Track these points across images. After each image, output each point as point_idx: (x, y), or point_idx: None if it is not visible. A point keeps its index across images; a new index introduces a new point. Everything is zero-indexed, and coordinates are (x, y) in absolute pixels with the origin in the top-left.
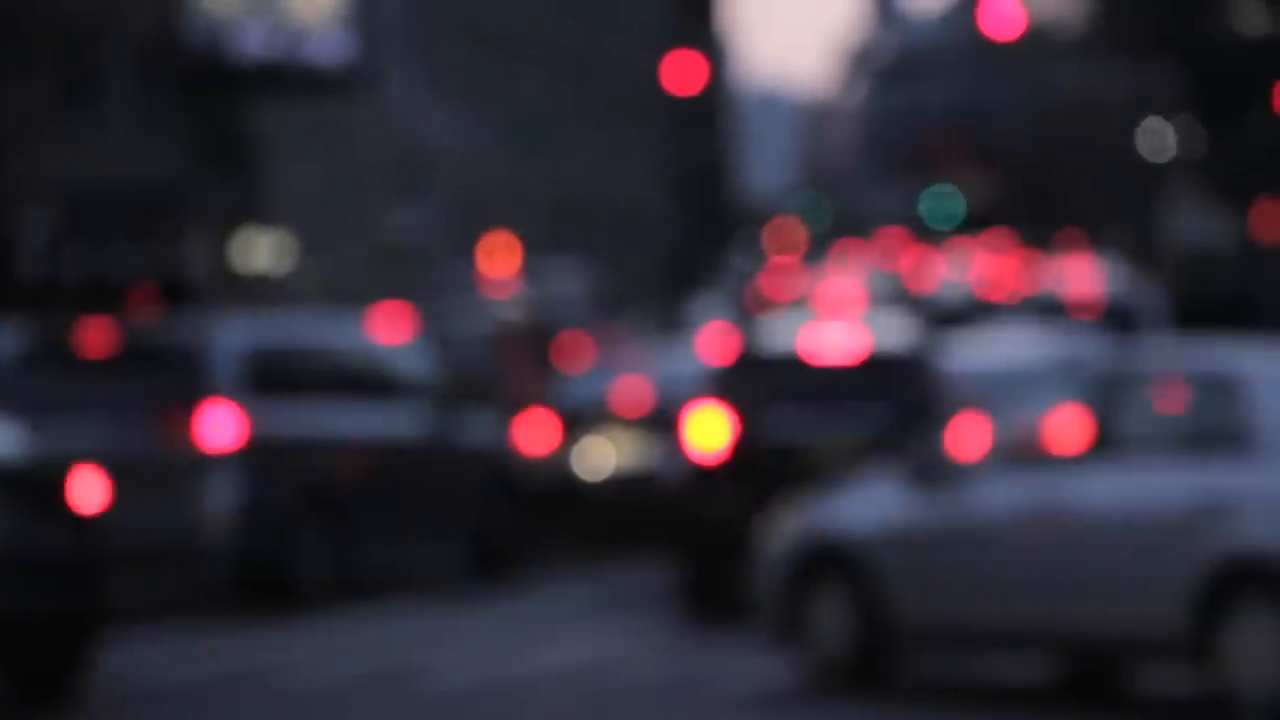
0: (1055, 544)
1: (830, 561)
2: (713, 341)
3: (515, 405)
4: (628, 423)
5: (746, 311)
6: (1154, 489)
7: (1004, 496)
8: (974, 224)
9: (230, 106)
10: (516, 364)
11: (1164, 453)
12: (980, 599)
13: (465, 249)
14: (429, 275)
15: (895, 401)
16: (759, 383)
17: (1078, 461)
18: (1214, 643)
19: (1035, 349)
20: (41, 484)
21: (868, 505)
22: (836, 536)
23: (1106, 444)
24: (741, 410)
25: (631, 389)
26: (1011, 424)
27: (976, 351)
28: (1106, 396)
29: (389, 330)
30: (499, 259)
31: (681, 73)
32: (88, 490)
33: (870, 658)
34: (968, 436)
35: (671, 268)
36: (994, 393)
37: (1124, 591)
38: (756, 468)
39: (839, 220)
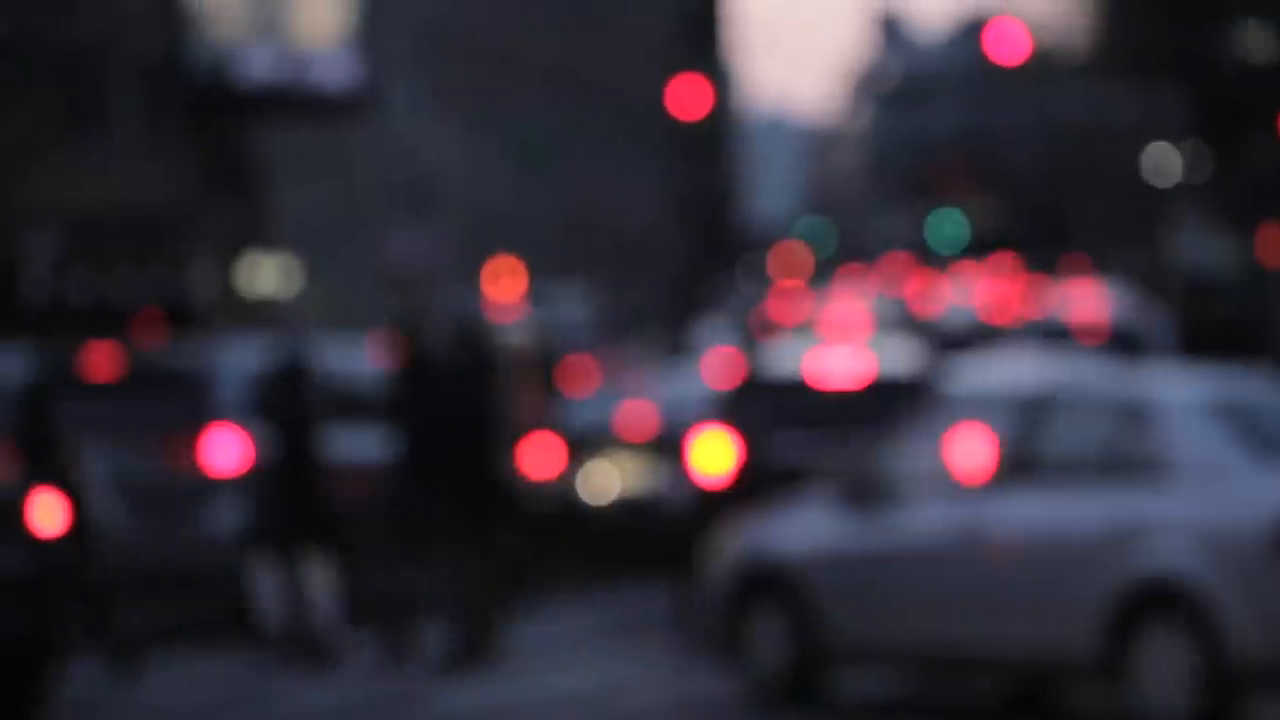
0: (977, 566)
1: (767, 581)
2: (718, 366)
3: (520, 429)
4: (633, 447)
5: (752, 336)
6: (1070, 514)
7: (928, 519)
8: (979, 248)
9: (235, 130)
10: (521, 388)
11: (1081, 478)
12: (906, 620)
13: (471, 273)
14: (434, 299)
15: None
16: (764, 407)
17: (1000, 486)
18: (1126, 664)
19: (1038, 374)
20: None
21: (802, 527)
22: (773, 557)
23: (1028, 468)
24: (747, 434)
25: (637, 413)
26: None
27: (979, 376)
28: (1029, 421)
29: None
30: (504, 283)
31: (687, 97)
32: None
33: (804, 675)
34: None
35: (677, 292)
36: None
37: (1042, 614)
38: (762, 492)
39: (844, 245)
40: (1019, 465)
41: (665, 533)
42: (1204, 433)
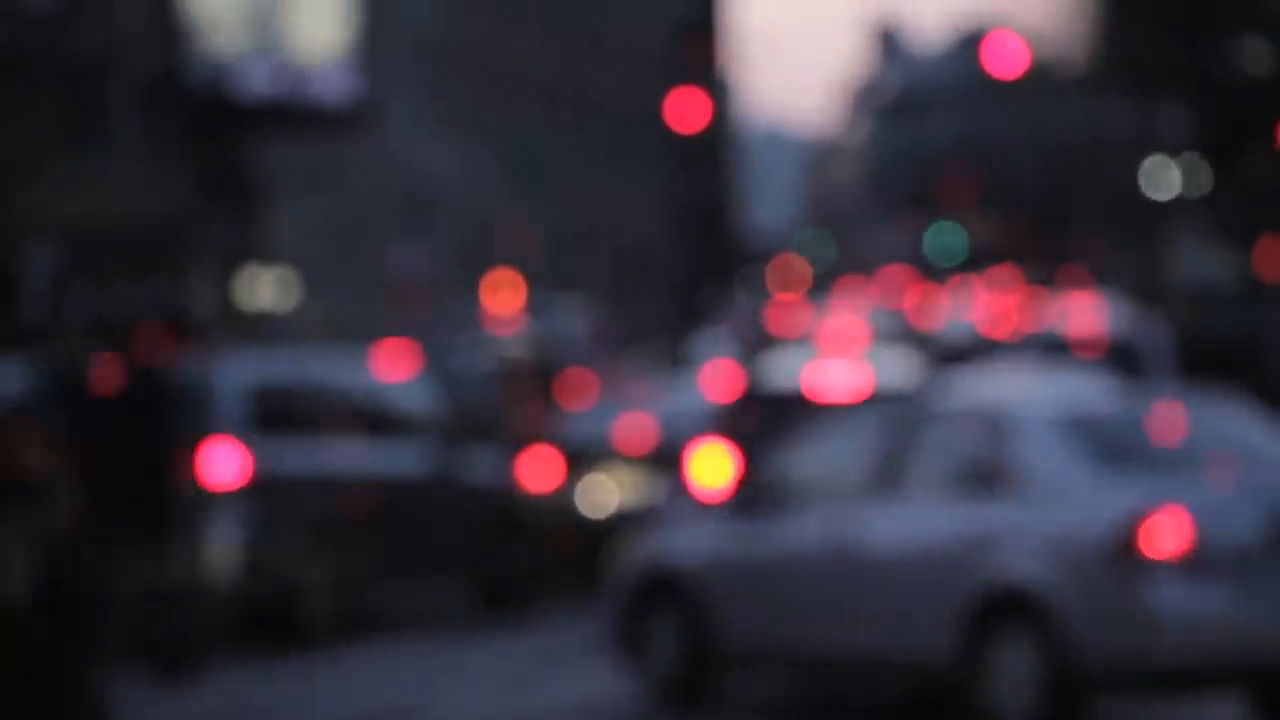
0: (848, 574)
1: (665, 586)
2: (717, 379)
3: (519, 442)
4: (631, 460)
5: (750, 349)
6: (932, 524)
7: (806, 528)
8: (978, 261)
9: (234, 144)
10: (520, 400)
11: (943, 489)
12: (788, 625)
13: (469, 285)
14: (433, 312)
15: None
16: (763, 420)
17: (871, 496)
18: (980, 668)
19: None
20: None
21: (697, 534)
22: (670, 563)
23: (894, 479)
24: (745, 448)
25: (635, 426)
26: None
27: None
28: (897, 434)
29: (392, 367)
30: (503, 295)
31: (684, 110)
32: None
33: (698, 679)
34: None
35: (675, 304)
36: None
37: (908, 619)
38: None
39: (842, 257)
40: (888, 476)
41: None
42: (1053, 446)
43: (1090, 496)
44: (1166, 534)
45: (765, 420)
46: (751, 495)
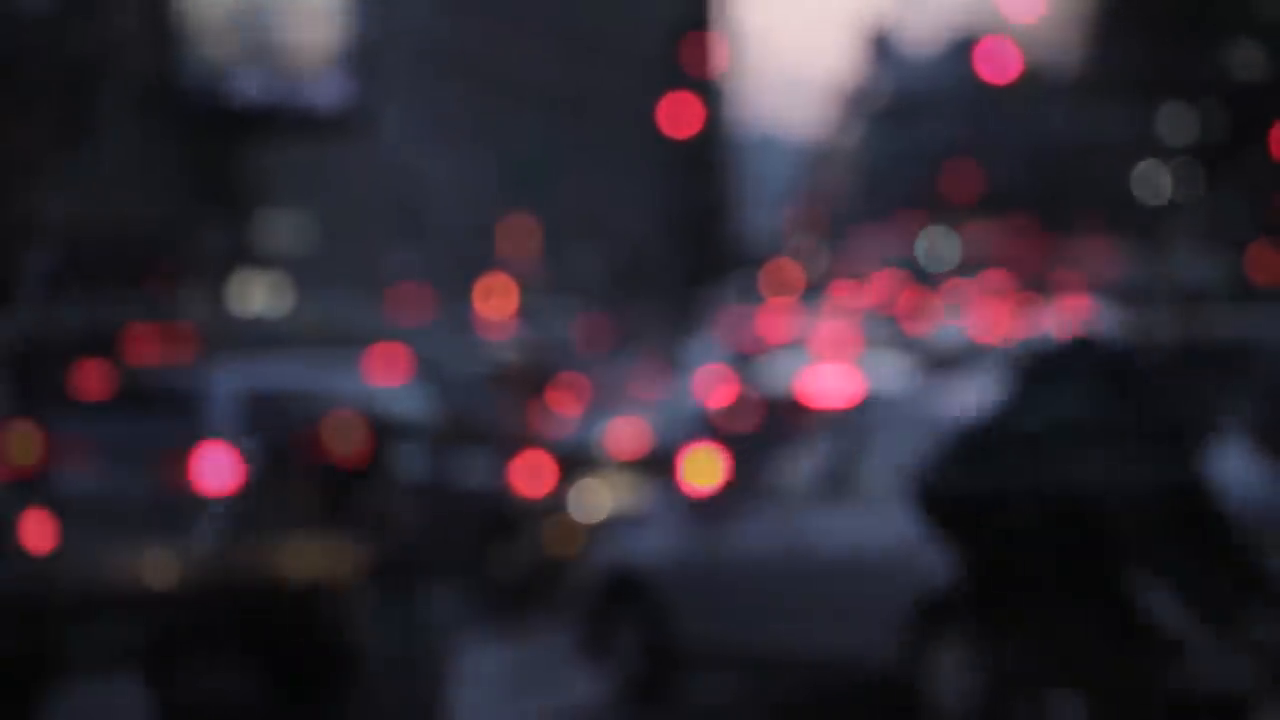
0: (798, 577)
1: (627, 586)
2: (709, 383)
3: (512, 446)
4: (625, 464)
5: (743, 353)
6: (875, 527)
7: (760, 530)
8: (971, 266)
9: (229, 148)
10: (514, 405)
11: (887, 493)
12: (742, 626)
13: (462, 290)
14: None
15: None
16: (755, 425)
17: (822, 500)
18: (922, 671)
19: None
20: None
21: (659, 534)
22: (633, 563)
23: (845, 483)
24: (737, 452)
25: (628, 430)
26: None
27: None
28: (846, 439)
29: (385, 372)
30: (496, 300)
31: (678, 115)
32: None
33: (658, 678)
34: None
35: (669, 308)
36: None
37: (852, 622)
38: None
39: (836, 261)
40: (839, 480)
41: None
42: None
43: None
44: None
45: (759, 424)
46: (710, 496)
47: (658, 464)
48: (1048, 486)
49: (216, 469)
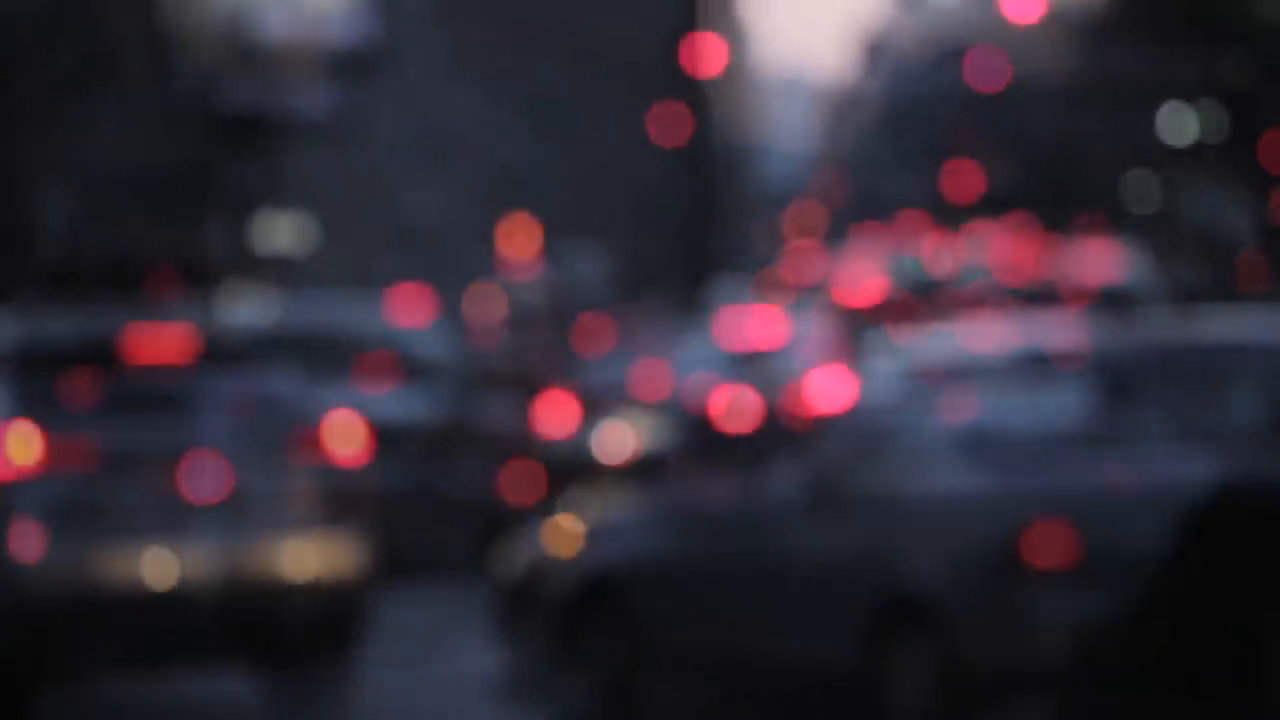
0: (765, 582)
1: (599, 592)
2: (705, 386)
3: (535, 387)
4: (648, 405)
5: (740, 355)
6: (836, 534)
7: (728, 533)
8: (995, 207)
9: (250, 88)
10: (536, 346)
11: (871, 497)
12: (712, 632)
13: (486, 231)
14: (450, 258)
15: None
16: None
17: (802, 504)
18: (880, 676)
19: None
20: None
21: (630, 539)
22: (605, 568)
23: (827, 489)
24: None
25: (651, 372)
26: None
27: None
28: (836, 444)
29: (409, 313)
30: (519, 241)
31: (701, 55)
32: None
33: (630, 685)
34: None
35: (691, 251)
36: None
37: (813, 626)
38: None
39: (859, 203)
40: (824, 485)
41: None
42: (949, 456)
43: (985, 505)
44: (1049, 544)
45: (754, 427)
46: (701, 501)
47: (650, 467)
48: None
49: (214, 472)
